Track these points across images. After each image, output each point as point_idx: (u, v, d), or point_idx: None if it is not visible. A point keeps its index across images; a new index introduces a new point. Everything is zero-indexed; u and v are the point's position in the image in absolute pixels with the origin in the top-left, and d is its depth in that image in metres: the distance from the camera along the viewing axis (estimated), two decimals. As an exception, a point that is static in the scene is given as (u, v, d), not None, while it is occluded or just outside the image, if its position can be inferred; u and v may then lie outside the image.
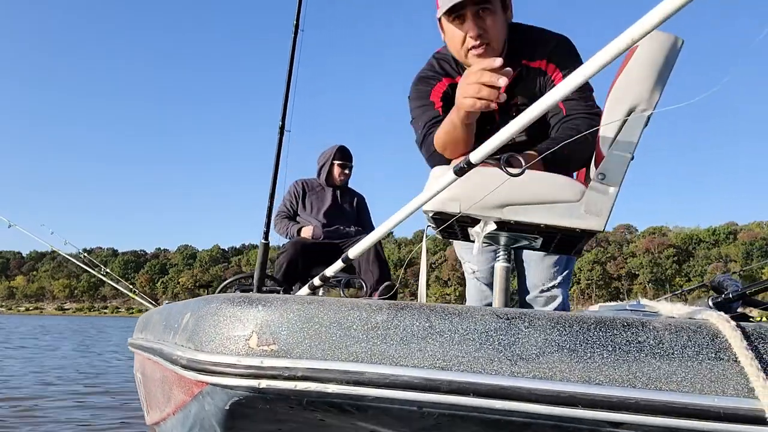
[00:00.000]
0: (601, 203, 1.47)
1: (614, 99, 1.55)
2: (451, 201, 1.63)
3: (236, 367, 1.00)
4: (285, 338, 0.98)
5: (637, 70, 1.54)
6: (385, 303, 0.96)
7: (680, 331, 0.82)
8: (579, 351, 0.83)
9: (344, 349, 0.94)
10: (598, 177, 1.52)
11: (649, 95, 1.49)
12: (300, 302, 1.01)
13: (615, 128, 1.51)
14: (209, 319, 1.12)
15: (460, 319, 0.90)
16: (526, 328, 0.87)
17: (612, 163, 1.49)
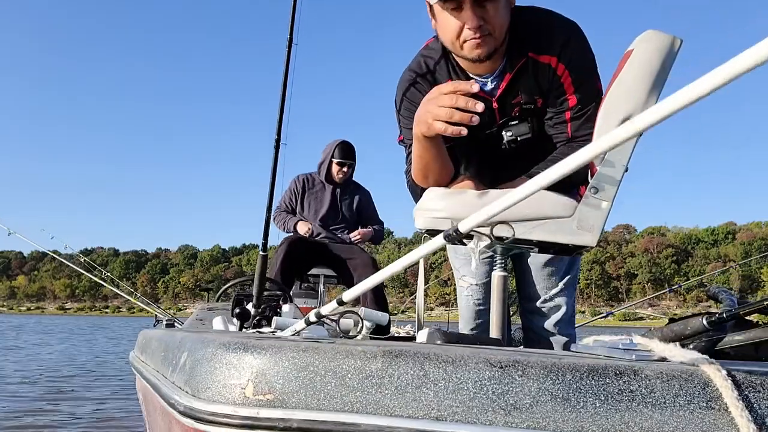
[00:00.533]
0: (594, 218, 1.47)
1: (607, 109, 1.52)
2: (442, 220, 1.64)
3: (233, 418, 1.00)
4: (280, 387, 0.98)
5: (630, 77, 1.51)
6: (380, 350, 0.96)
7: (672, 380, 0.82)
8: (572, 400, 0.84)
9: (339, 399, 0.94)
10: (591, 191, 1.51)
11: (644, 103, 1.45)
12: (295, 349, 1.01)
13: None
14: (206, 364, 1.13)
15: (454, 367, 0.91)
16: (520, 376, 0.87)
17: (605, 176, 1.48)
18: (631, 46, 1.58)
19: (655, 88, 1.49)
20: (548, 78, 1.68)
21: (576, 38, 1.66)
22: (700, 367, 0.83)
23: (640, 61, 1.51)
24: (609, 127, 1.50)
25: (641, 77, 1.48)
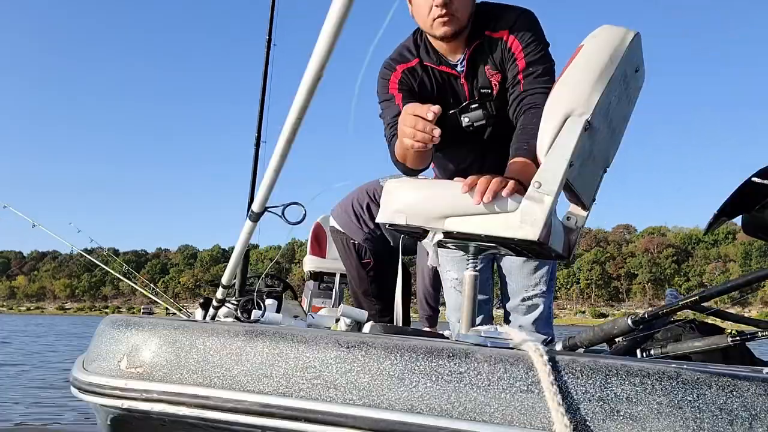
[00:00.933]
0: (536, 212, 1.45)
1: (551, 104, 1.54)
2: (397, 213, 1.68)
3: (104, 388, 1.05)
4: (149, 361, 1.02)
5: (576, 72, 1.52)
6: (243, 329, 1.00)
7: (498, 363, 0.86)
8: (405, 380, 0.87)
9: (199, 374, 0.98)
10: (534, 185, 1.51)
11: (586, 99, 1.47)
12: (168, 327, 1.05)
13: (552, 135, 1.49)
14: (96, 339, 1.17)
15: (305, 346, 0.94)
16: (363, 357, 0.91)
17: (548, 171, 1.45)
18: (583, 41, 1.61)
19: (599, 82, 1.50)
20: (502, 51, 1.86)
21: (527, 17, 1.85)
22: (528, 353, 0.86)
23: (586, 56, 1.54)
24: (553, 120, 1.49)
25: (586, 71, 1.50)
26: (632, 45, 1.58)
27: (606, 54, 1.52)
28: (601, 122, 1.56)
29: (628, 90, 1.71)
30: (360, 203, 2.97)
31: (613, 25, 1.62)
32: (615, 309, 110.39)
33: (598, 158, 1.72)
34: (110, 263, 8.15)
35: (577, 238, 1.85)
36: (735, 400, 0.78)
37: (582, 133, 1.47)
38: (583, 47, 1.57)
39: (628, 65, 1.62)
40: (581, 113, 1.46)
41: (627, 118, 1.79)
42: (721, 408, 0.78)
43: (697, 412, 0.78)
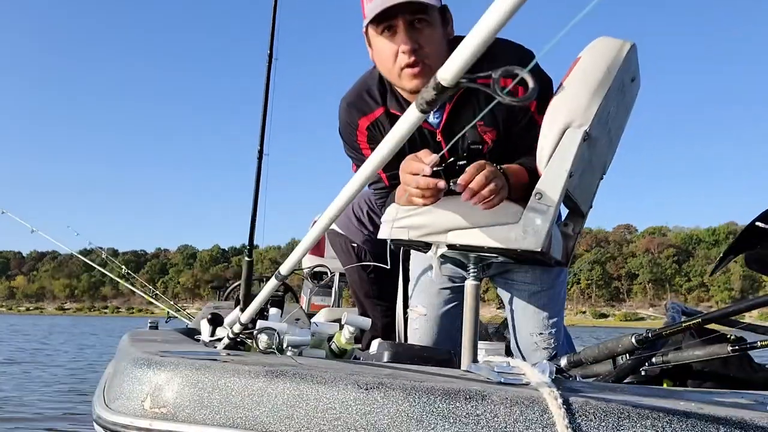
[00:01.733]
0: (538, 223, 1.47)
1: (550, 115, 1.55)
2: (400, 230, 1.70)
3: (129, 428, 1.08)
4: (173, 402, 1.05)
5: (573, 85, 1.53)
6: (264, 369, 1.03)
7: (515, 405, 0.89)
8: (424, 422, 0.91)
9: (222, 415, 1.01)
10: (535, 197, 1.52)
11: (585, 110, 1.48)
12: (190, 367, 1.08)
13: (551, 146, 1.49)
14: (119, 376, 1.20)
15: (326, 387, 0.98)
16: (382, 398, 0.94)
17: (549, 182, 1.47)
18: (580, 53, 1.62)
19: (597, 93, 1.51)
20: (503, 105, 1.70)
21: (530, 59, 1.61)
22: (542, 394, 0.89)
23: (584, 68, 1.54)
24: (551, 134, 1.50)
25: (584, 83, 1.51)
26: (628, 56, 1.60)
27: (603, 66, 1.53)
28: (600, 132, 1.58)
29: (625, 99, 1.73)
30: (360, 208, 3.01)
31: (610, 37, 1.64)
32: (616, 309, 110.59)
33: (597, 166, 1.74)
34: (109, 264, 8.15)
35: (575, 245, 1.88)
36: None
37: (581, 143, 1.49)
38: (581, 59, 1.59)
39: (625, 75, 1.64)
40: (580, 124, 1.48)
41: (623, 126, 1.82)
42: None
43: (706, 454, 0.81)
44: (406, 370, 1.17)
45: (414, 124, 0.48)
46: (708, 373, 2.00)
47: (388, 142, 0.52)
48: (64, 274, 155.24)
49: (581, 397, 0.90)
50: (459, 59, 0.40)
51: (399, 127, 0.49)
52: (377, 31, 1.52)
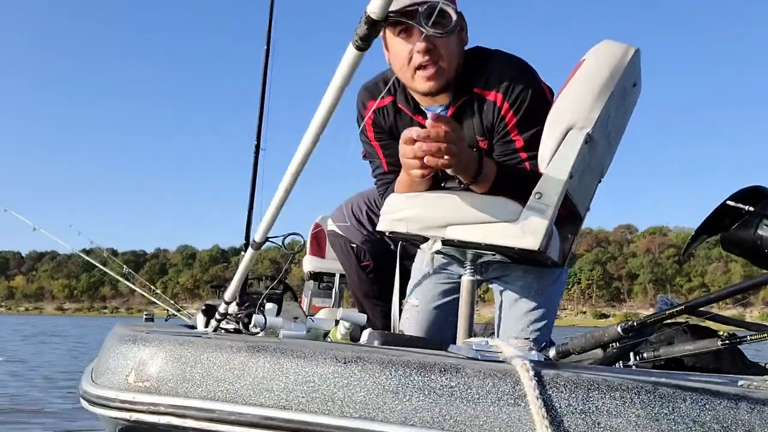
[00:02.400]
0: (537, 222, 1.47)
1: (553, 117, 1.56)
2: (398, 222, 1.72)
3: (113, 401, 1.10)
4: (156, 376, 1.07)
5: (576, 87, 1.54)
6: (246, 344, 1.05)
7: (488, 378, 0.91)
8: (400, 394, 0.93)
9: (203, 388, 1.03)
10: (535, 196, 1.53)
11: (588, 113, 1.49)
12: (174, 342, 1.10)
13: (553, 147, 1.50)
14: (105, 353, 1.22)
15: (305, 361, 1.00)
16: (359, 371, 0.96)
17: (549, 182, 1.48)
18: (585, 56, 1.62)
19: (599, 98, 1.52)
20: (492, 115, 1.65)
21: (525, 78, 1.63)
22: (515, 367, 0.91)
23: (588, 71, 1.55)
24: (553, 135, 1.51)
25: (588, 86, 1.52)
26: (632, 61, 1.61)
27: (607, 70, 1.54)
28: (601, 135, 1.59)
29: (626, 104, 1.74)
30: (359, 208, 3.03)
31: (615, 41, 1.64)
32: (616, 309, 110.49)
33: (596, 169, 1.76)
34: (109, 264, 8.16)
35: (572, 246, 1.89)
36: (708, 413, 0.83)
37: (583, 145, 1.50)
38: (585, 62, 1.61)
39: (627, 80, 1.65)
40: (582, 126, 1.49)
41: (623, 129, 1.83)
42: (695, 420, 0.83)
43: (672, 424, 0.83)
44: (386, 348, 1.19)
45: (352, 63, 0.49)
46: (700, 368, 2.01)
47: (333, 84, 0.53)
48: (64, 275, 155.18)
49: (553, 370, 0.92)
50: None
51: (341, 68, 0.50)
52: (394, 32, 1.57)
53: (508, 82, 1.61)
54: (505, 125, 1.65)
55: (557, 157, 1.50)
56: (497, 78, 1.62)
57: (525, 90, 1.62)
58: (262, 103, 3.22)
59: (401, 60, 1.59)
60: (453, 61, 1.60)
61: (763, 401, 0.84)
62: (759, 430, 0.82)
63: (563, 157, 1.49)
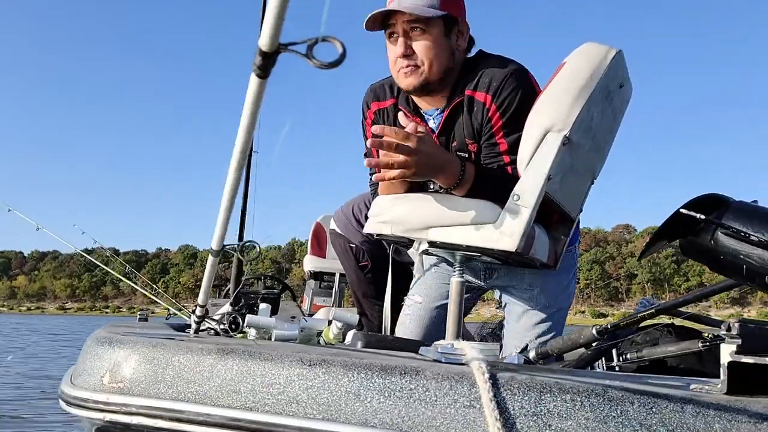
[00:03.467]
0: (515, 224, 1.49)
1: (531, 120, 1.57)
2: (384, 224, 1.75)
3: (88, 402, 1.13)
4: (129, 377, 1.10)
5: (555, 90, 1.55)
6: (215, 347, 1.08)
7: (445, 380, 0.93)
8: (362, 396, 0.95)
9: (174, 389, 1.06)
10: (513, 198, 1.55)
11: (565, 115, 1.50)
12: (147, 344, 1.13)
13: (531, 149, 1.51)
14: (83, 355, 1.25)
15: (272, 363, 1.02)
16: (323, 374, 0.99)
17: (527, 184, 1.50)
18: (566, 58, 1.64)
19: (578, 99, 1.53)
20: (480, 116, 1.68)
21: (514, 79, 1.65)
22: (472, 369, 0.94)
23: (567, 73, 1.57)
24: (532, 137, 1.53)
25: (566, 89, 1.54)
26: (614, 62, 1.62)
27: (587, 72, 1.55)
28: (582, 137, 1.60)
29: (613, 105, 1.75)
30: (360, 209, 3.06)
31: (596, 43, 1.65)
32: (615, 309, 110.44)
33: (582, 171, 1.77)
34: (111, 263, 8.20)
35: (564, 248, 1.91)
36: (654, 416, 0.86)
37: (561, 147, 1.51)
38: (566, 64, 1.62)
39: (611, 81, 1.66)
40: (560, 129, 1.50)
41: (613, 131, 1.83)
42: (642, 423, 0.86)
43: (619, 427, 0.86)
44: (356, 350, 1.22)
45: (256, 91, 0.52)
46: (683, 369, 2.04)
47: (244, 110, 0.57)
48: (66, 274, 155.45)
49: (508, 372, 0.94)
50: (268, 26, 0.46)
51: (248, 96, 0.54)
52: (386, 37, 1.69)
53: (497, 84, 1.64)
54: (491, 127, 1.68)
55: (535, 160, 1.51)
56: (488, 79, 1.66)
57: (514, 92, 1.64)
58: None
59: (390, 60, 1.70)
60: (435, 63, 1.65)
61: (708, 405, 0.86)
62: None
63: (541, 159, 1.50)
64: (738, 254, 0.98)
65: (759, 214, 0.99)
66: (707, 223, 1.00)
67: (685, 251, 1.10)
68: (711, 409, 0.85)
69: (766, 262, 0.96)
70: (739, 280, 1.03)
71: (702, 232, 1.03)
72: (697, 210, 1.03)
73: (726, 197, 1.08)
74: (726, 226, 0.98)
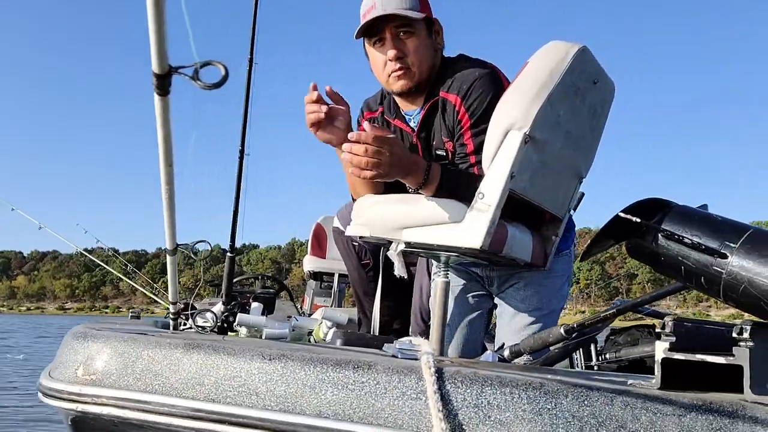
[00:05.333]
0: (480, 222, 1.53)
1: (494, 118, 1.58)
2: (362, 226, 1.80)
3: (62, 393, 1.19)
4: (101, 369, 1.16)
5: (516, 88, 1.57)
6: (183, 341, 1.14)
7: (395, 374, 0.99)
8: (316, 388, 1.01)
9: (143, 381, 1.11)
10: (478, 196, 1.59)
11: (525, 113, 1.51)
12: (119, 339, 1.19)
13: (494, 148, 1.54)
14: (61, 349, 1.31)
15: (234, 358, 1.08)
16: (282, 368, 1.04)
17: (490, 182, 1.52)
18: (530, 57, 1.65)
19: (536, 98, 1.54)
20: (452, 116, 1.73)
21: (485, 81, 1.70)
22: (421, 363, 0.99)
23: (528, 72, 1.59)
24: (494, 136, 1.56)
25: (525, 88, 1.56)
26: (579, 58, 1.62)
27: (546, 69, 1.56)
28: (549, 134, 1.62)
29: (587, 102, 1.77)
30: None
31: (560, 41, 1.68)
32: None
33: (559, 169, 1.79)
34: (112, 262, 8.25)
35: (554, 247, 1.95)
36: (585, 409, 0.91)
37: (522, 145, 1.51)
38: (528, 63, 1.66)
39: (578, 78, 1.66)
40: (520, 127, 1.51)
41: (596, 129, 1.84)
42: (574, 415, 0.91)
43: (554, 418, 0.91)
44: (325, 347, 1.27)
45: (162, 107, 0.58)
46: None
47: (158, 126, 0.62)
48: (65, 274, 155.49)
49: (454, 367, 1.00)
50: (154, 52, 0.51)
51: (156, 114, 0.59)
52: (370, 43, 1.72)
53: (467, 86, 1.69)
54: (461, 128, 1.73)
55: (497, 158, 1.53)
56: (459, 81, 1.71)
57: (483, 94, 1.68)
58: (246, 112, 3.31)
59: (378, 66, 1.74)
60: (424, 63, 1.71)
61: (638, 398, 0.92)
62: (630, 425, 0.90)
63: (503, 157, 1.51)
64: (677, 256, 1.03)
65: (696, 218, 1.04)
66: (648, 228, 1.06)
67: (631, 252, 1.16)
68: (639, 402, 0.91)
69: (700, 263, 1.01)
70: (679, 280, 1.09)
71: (645, 234, 1.09)
72: (639, 213, 1.09)
73: (668, 201, 1.13)
74: (664, 229, 1.03)
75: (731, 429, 0.87)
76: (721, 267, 1.01)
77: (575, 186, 1.86)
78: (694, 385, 1.03)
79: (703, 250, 1.01)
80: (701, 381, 1.04)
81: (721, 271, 1.01)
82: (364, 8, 1.70)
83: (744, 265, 1.00)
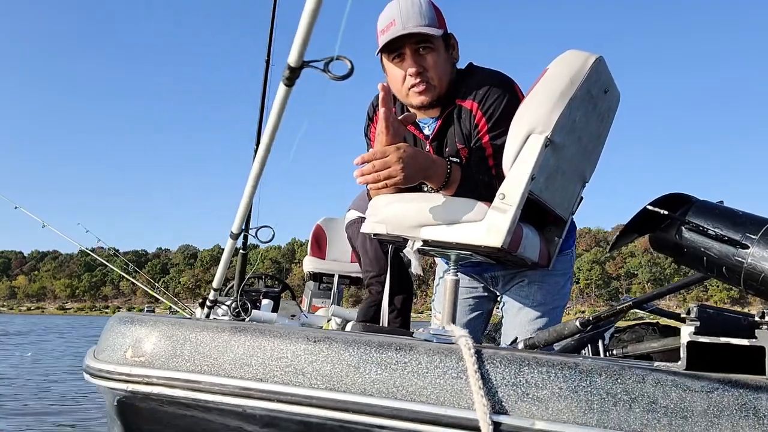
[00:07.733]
0: (501, 222, 1.58)
1: (516, 122, 1.65)
2: (379, 224, 1.85)
3: (112, 374, 1.24)
4: (150, 352, 1.22)
5: (538, 93, 1.63)
6: (230, 325, 1.20)
7: (435, 355, 1.05)
8: (361, 368, 1.07)
9: (192, 362, 1.17)
10: (499, 197, 1.64)
11: (547, 117, 1.57)
12: (166, 323, 1.25)
13: (515, 151, 1.60)
14: (106, 333, 1.37)
15: (280, 340, 1.14)
16: (327, 349, 1.10)
17: (512, 183, 1.57)
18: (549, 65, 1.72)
19: (558, 103, 1.61)
20: (468, 122, 1.78)
21: (499, 88, 1.75)
22: (459, 346, 1.05)
23: (550, 78, 1.66)
24: (516, 139, 1.62)
25: (548, 93, 1.62)
26: (595, 68, 1.70)
27: (567, 76, 1.63)
28: (566, 139, 1.69)
29: (598, 109, 1.85)
30: None
31: (578, 50, 1.75)
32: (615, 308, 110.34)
33: (569, 173, 1.86)
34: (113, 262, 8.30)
35: (557, 248, 2.01)
36: (618, 386, 0.97)
37: (543, 149, 1.58)
38: (548, 70, 1.72)
39: (593, 86, 1.74)
40: (542, 131, 1.58)
41: (602, 135, 1.92)
42: (608, 392, 0.97)
43: (589, 395, 0.97)
44: (356, 332, 1.33)
45: (283, 97, 0.63)
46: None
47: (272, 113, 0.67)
48: (66, 274, 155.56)
49: (491, 349, 1.06)
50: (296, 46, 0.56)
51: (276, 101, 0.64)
52: (389, 58, 1.75)
53: (483, 92, 1.75)
54: (478, 132, 1.78)
55: (519, 160, 1.60)
56: (475, 88, 1.76)
57: (499, 99, 1.74)
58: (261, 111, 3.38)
59: (397, 81, 1.76)
60: (443, 78, 1.76)
61: (667, 376, 0.97)
62: (661, 401, 0.95)
63: (524, 160, 1.58)
64: (699, 247, 1.09)
65: (718, 212, 1.10)
66: (673, 220, 1.11)
67: (654, 245, 1.21)
68: (669, 380, 0.97)
69: (722, 254, 1.07)
70: (700, 271, 1.14)
71: (669, 227, 1.14)
72: (664, 207, 1.15)
73: (690, 196, 1.19)
74: (688, 222, 1.09)
75: (756, 404, 0.93)
76: (742, 257, 1.07)
77: (580, 190, 1.92)
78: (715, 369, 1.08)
79: (725, 241, 1.07)
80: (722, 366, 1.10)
81: (742, 261, 1.07)
82: (383, 24, 1.73)
83: (764, 255, 1.06)
